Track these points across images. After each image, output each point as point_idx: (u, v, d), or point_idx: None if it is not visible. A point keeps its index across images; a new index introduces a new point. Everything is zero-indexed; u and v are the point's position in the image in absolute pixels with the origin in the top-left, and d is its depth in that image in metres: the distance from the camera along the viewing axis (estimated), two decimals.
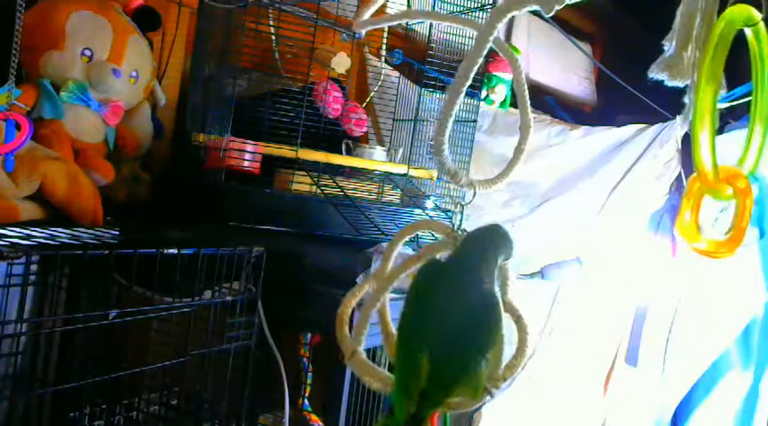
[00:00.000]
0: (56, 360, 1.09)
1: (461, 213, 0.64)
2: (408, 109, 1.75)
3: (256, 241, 1.10)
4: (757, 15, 0.60)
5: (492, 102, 2.15)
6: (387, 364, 1.43)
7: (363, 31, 0.81)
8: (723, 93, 0.69)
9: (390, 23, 0.95)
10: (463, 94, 0.57)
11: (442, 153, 0.58)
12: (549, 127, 2.05)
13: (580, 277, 1.88)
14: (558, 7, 0.54)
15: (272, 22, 1.57)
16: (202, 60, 1.50)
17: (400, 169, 1.54)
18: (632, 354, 1.85)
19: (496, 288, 0.54)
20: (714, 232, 0.69)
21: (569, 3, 0.56)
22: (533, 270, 1.86)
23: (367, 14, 0.76)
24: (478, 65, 0.56)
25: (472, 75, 0.56)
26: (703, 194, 0.68)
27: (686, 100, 0.70)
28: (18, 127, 1.02)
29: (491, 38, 0.55)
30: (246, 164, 1.34)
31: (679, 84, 0.71)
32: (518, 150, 0.66)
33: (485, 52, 0.56)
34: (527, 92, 0.66)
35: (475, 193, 0.63)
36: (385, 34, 1.95)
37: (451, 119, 0.57)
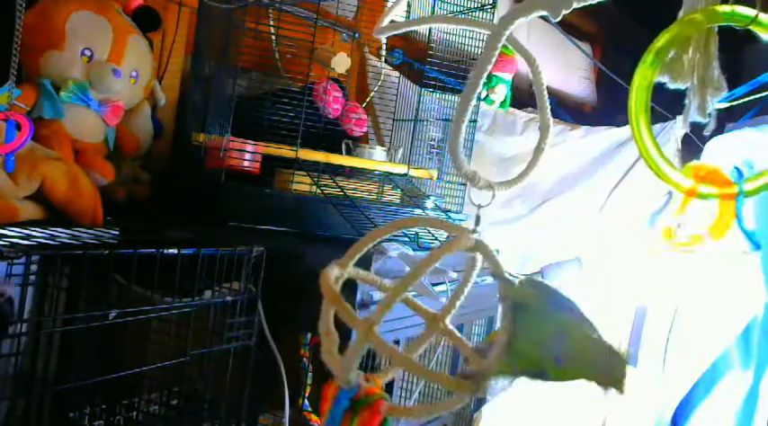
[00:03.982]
0: (56, 360, 1.09)
1: (478, 215, 0.64)
2: (408, 109, 1.75)
3: (256, 241, 1.10)
4: (747, 12, 0.60)
5: (492, 102, 2.15)
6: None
7: (383, 36, 0.81)
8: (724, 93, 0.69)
9: (408, 29, 0.95)
10: (474, 101, 0.58)
11: (458, 158, 0.58)
12: None
13: (580, 277, 1.88)
14: (565, 12, 0.54)
15: (272, 22, 1.57)
16: (202, 60, 1.50)
17: (400, 169, 1.54)
18: (632, 354, 1.85)
19: None
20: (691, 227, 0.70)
21: (577, 6, 0.56)
22: (533, 270, 1.87)
23: (386, 20, 0.76)
24: (488, 71, 0.57)
25: (482, 82, 0.57)
26: (689, 201, 0.69)
27: (686, 101, 0.70)
28: (18, 127, 1.02)
29: (500, 45, 0.56)
30: (246, 164, 1.34)
31: (680, 86, 0.71)
32: (538, 150, 0.66)
33: (494, 59, 0.56)
34: (546, 92, 0.66)
35: (494, 195, 0.63)
36: None
37: (464, 126, 0.58)
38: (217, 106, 1.38)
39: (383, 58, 1.94)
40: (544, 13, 0.55)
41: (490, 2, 1.51)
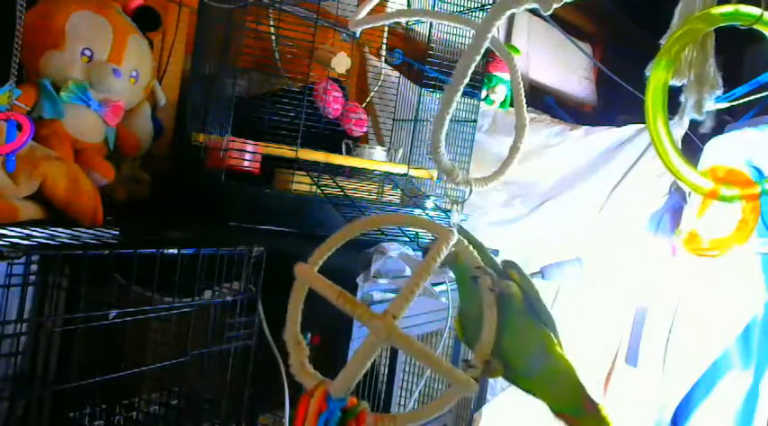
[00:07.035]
0: (56, 360, 1.09)
1: (460, 211, 0.64)
2: (408, 109, 1.75)
3: (256, 241, 1.10)
4: (751, 11, 0.60)
5: (492, 102, 2.15)
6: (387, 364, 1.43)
7: (358, 30, 0.81)
8: (721, 92, 0.69)
9: (386, 22, 0.95)
10: (461, 93, 0.57)
11: (438, 151, 0.58)
12: (548, 127, 2.05)
13: (580, 277, 1.88)
14: (556, 5, 0.54)
15: (272, 22, 1.57)
16: (202, 60, 1.50)
17: (400, 169, 1.54)
18: (632, 354, 1.85)
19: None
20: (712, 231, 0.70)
21: (567, 1, 0.56)
22: (533, 270, 1.87)
23: (363, 13, 0.76)
24: (476, 63, 0.56)
25: (470, 73, 0.56)
26: (709, 204, 0.69)
27: (682, 99, 0.70)
28: (19, 127, 1.02)
29: (489, 35, 0.55)
30: (246, 163, 1.34)
31: (676, 82, 0.71)
32: (513, 148, 0.66)
33: (483, 50, 0.56)
34: (523, 91, 0.66)
35: (471, 191, 0.63)
36: (385, 34, 1.95)
37: (448, 118, 0.57)
38: (217, 106, 1.38)
39: (383, 58, 1.94)
40: (534, 5, 0.55)
41: (490, 2, 1.51)
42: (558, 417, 0.57)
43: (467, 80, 0.56)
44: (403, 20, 1.66)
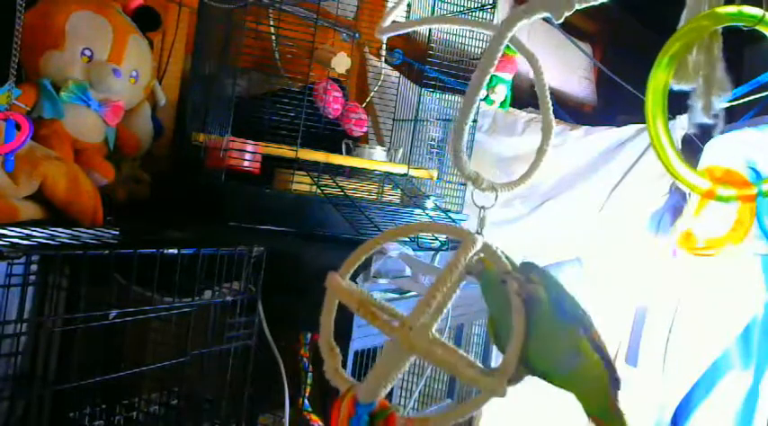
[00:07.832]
0: (56, 360, 1.09)
1: (483, 217, 0.64)
2: (408, 109, 1.75)
3: (256, 241, 1.10)
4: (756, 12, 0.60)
5: (492, 102, 2.15)
6: None
7: (384, 37, 0.82)
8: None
9: (410, 30, 0.95)
10: (478, 102, 0.58)
11: (461, 159, 0.58)
12: None
13: (580, 277, 1.88)
14: (567, 14, 0.55)
15: (272, 22, 1.57)
16: (202, 60, 1.50)
17: (400, 169, 1.54)
18: (632, 354, 1.85)
19: None
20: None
21: (579, 8, 0.56)
22: None
23: (388, 21, 0.76)
24: (491, 73, 0.57)
25: (485, 82, 0.57)
26: (706, 204, 0.69)
27: (691, 102, 0.70)
28: (18, 127, 1.02)
29: (502, 47, 0.56)
30: (246, 163, 1.34)
31: (685, 87, 0.70)
32: (540, 151, 0.66)
33: (497, 61, 0.57)
34: (548, 92, 0.66)
35: (497, 196, 0.63)
36: None
37: (467, 127, 0.58)
38: (217, 106, 1.38)
39: (383, 58, 1.94)
40: (547, 14, 0.56)
41: (490, 2, 1.51)
42: (590, 419, 0.57)
43: (483, 89, 0.57)
44: (427, 27, 1.65)
